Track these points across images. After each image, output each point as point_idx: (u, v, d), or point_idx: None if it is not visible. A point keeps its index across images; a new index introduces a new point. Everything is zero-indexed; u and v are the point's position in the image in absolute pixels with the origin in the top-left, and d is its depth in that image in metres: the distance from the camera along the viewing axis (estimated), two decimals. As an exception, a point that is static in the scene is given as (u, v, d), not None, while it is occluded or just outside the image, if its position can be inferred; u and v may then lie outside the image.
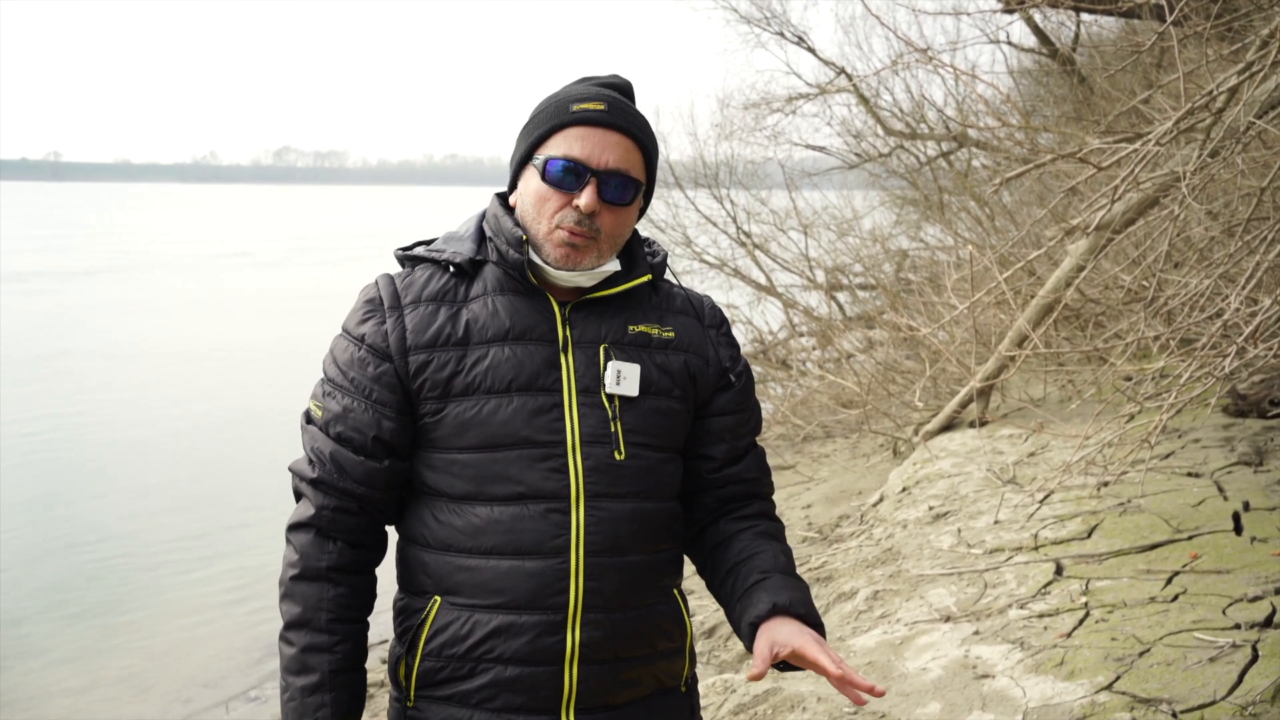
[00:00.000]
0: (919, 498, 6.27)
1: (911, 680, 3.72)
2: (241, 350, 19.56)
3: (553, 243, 1.74)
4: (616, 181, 1.74)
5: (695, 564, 1.96)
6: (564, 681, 1.71)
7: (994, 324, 7.67)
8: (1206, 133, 4.25)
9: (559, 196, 1.73)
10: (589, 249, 1.75)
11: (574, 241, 1.73)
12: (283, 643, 1.76)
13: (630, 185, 1.76)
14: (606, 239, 1.76)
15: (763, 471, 1.96)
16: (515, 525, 1.70)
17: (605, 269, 1.78)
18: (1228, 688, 3.15)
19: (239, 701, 6.44)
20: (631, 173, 1.76)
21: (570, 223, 1.73)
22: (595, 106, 1.75)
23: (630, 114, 1.78)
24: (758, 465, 1.95)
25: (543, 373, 1.74)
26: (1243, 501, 4.68)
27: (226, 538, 9.50)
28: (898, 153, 14.12)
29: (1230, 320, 3.84)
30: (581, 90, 1.78)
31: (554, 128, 1.75)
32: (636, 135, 1.77)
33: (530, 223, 1.77)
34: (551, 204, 1.74)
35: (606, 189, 1.73)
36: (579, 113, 1.74)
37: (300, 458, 1.80)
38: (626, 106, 1.78)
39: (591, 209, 1.72)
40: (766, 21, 14.65)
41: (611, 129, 1.75)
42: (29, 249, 42.87)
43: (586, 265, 1.76)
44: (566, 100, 1.76)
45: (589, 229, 1.73)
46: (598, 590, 1.71)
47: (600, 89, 1.78)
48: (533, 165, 1.77)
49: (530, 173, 1.78)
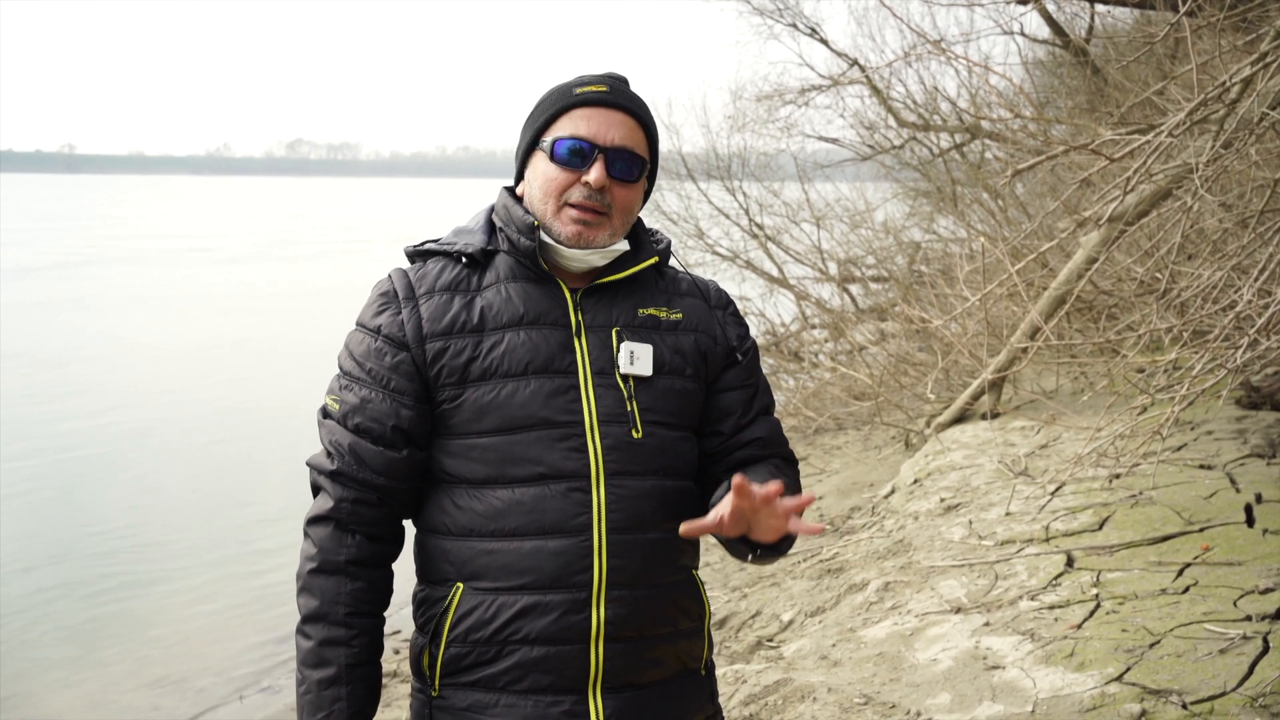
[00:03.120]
0: (930, 489, 6.28)
1: (922, 671, 3.73)
2: (252, 345, 19.62)
3: (563, 221, 1.78)
4: (623, 158, 1.79)
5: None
6: (590, 660, 1.73)
7: (1006, 316, 7.65)
8: (1220, 124, 4.23)
9: (568, 175, 1.77)
10: (601, 225, 1.78)
11: (586, 219, 1.77)
12: (300, 636, 1.77)
13: (636, 162, 1.81)
14: (618, 215, 1.80)
15: (774, 435, 1.94)
16: (537, 505, 1.72)
17: (617, 247, 1.83)
18: (1238, 679, 3.15)
19: (252, 691, 6.48)
20: (637, 150, 1.81)
21: (580, 198, 1.77)
22: (597, 88, 1.81)
23: (631, 95, 1.84)
24: (766, 429, 1.94)
25: (558, 355, 1.76)
26: (1255, 494, 4.66)
27: (239, 528, 9.55)
28: (910, 144, 14.09)
29: (1243, 312, 3.83)
30: (582, 77, 1.84)
31: (559, 111, 1.80)
32: (639, 115, 1.83)
33: (540, 206, 1.80)
34: (560, 182, 1.78)
35: (614, 166, 1.78)
36: (583, 94, 1.80)
37: (318, 452, 1.81)
38: (626, 87, 1.85)
39: (601, 184, 1.76)
40: (779, 13, 14.63)
41: (615, 108, 1.80)
42: (30, 241, 43.01)
43: (600, 243, 1.79)
44: (569, 86, 1.82)
45: (600, 203, 1.77)
46: (621, 567, 1.73)
47: (600, 74, 1.85)
48: (540, 149, 1.81)
49: (538, 157, 1.82)
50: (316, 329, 19.84)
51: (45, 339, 19.32)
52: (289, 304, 25.88)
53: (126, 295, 26.61)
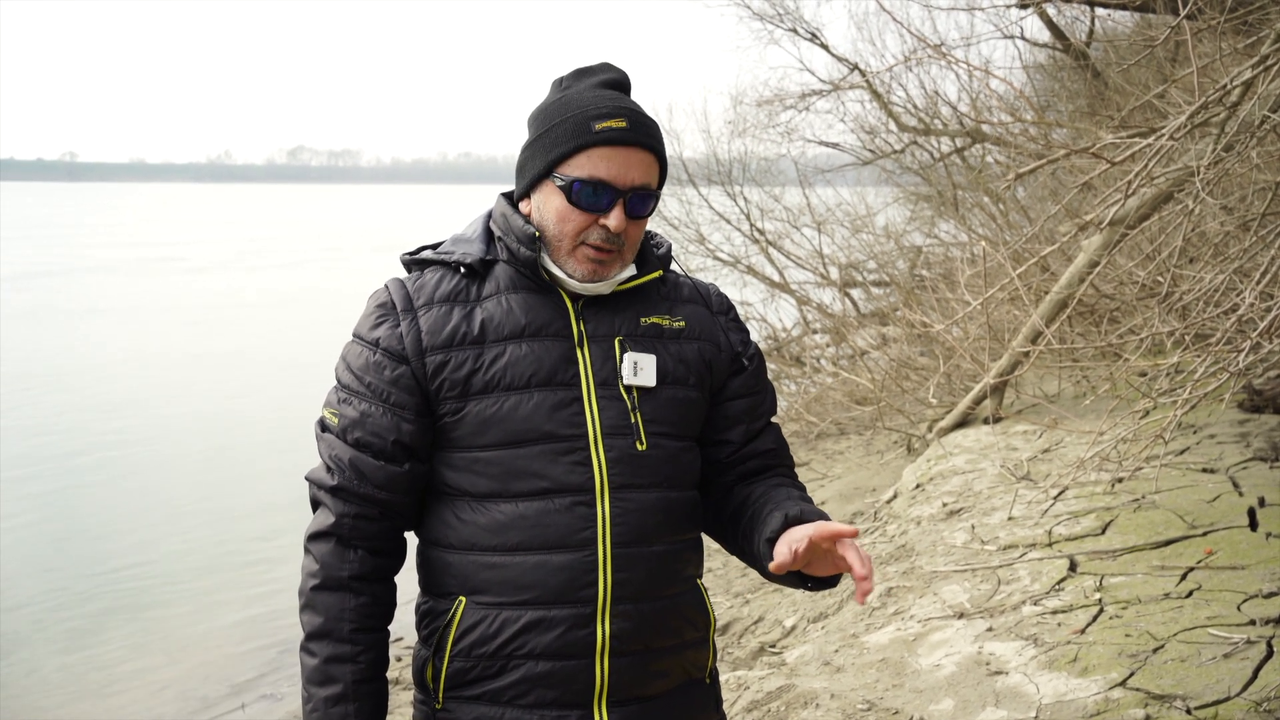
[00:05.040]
0: (933, 494, 6.27)
1: (925, 677, 3.72)
2: (255, 355, 19.62)
3: (579, 260, 1.75)
4: (640, 197, 1.75)
5: (717, 539, 1.95)
6: (596, 675, 1.71)
7: (1008, 320, 7.65)
8: (1221, 127, 4.23)
9: (586, 217, 1.73)
10: (614, 262, 1.76)
11: (600, 259, 1.74)
12: (304, 654, 1.75)
13: (652, 196, 1.77)
14: (630, 249, 1.78)
15: (781, 445, 1.95)
16: (541, 520, 1.70)
17: (624, 275, 1.80)
18: (1242, 684, 3.14)
19: (254, 699, 6.48)
20: (652, 184, 1.77)
21: (598, 239, 1.73)
22: (618, 124, 1.72)
23: (648, 126, 1.76)
24: (774, 439, 1.94)
25: (561, 367, 1.74)
26: (1258, 497, 4.65)
27: (242, 536, 9.55)
28: (911, 149, 14.08)
29: (1245, 315, 3.83)
30: (595, 102, 1.75)
31: (577, 147, 1.72)
32: (655, 148, 1.77)
33: (553, 239, 1.76)
34: (577, 224, 1.73)
35: (632, 206, 1.74)
36: (603, 133, 1.72)
37: (318, 466, 1.79)
38: (643, 118, 1.77)
39: (621, 229, 1.72)
40: (780, 18, 14.63)
41: (635, 146, 1.74)
42: (28, 250, 42.97)
43: (611, 276, 1.77)
44: (585, 118, 1.73)
45: (616, 244, 1.74)
46: (626, 581, 1.72)
47: (616, 104, 1.75)
48: (554, 183, 1.74)
49: (550, 189, 1.75)
50: (313, 336, 19.87)
51: (39, 346, 19.33)
52: (266, 314, 25.69)
53: (100, 304, 26.59)
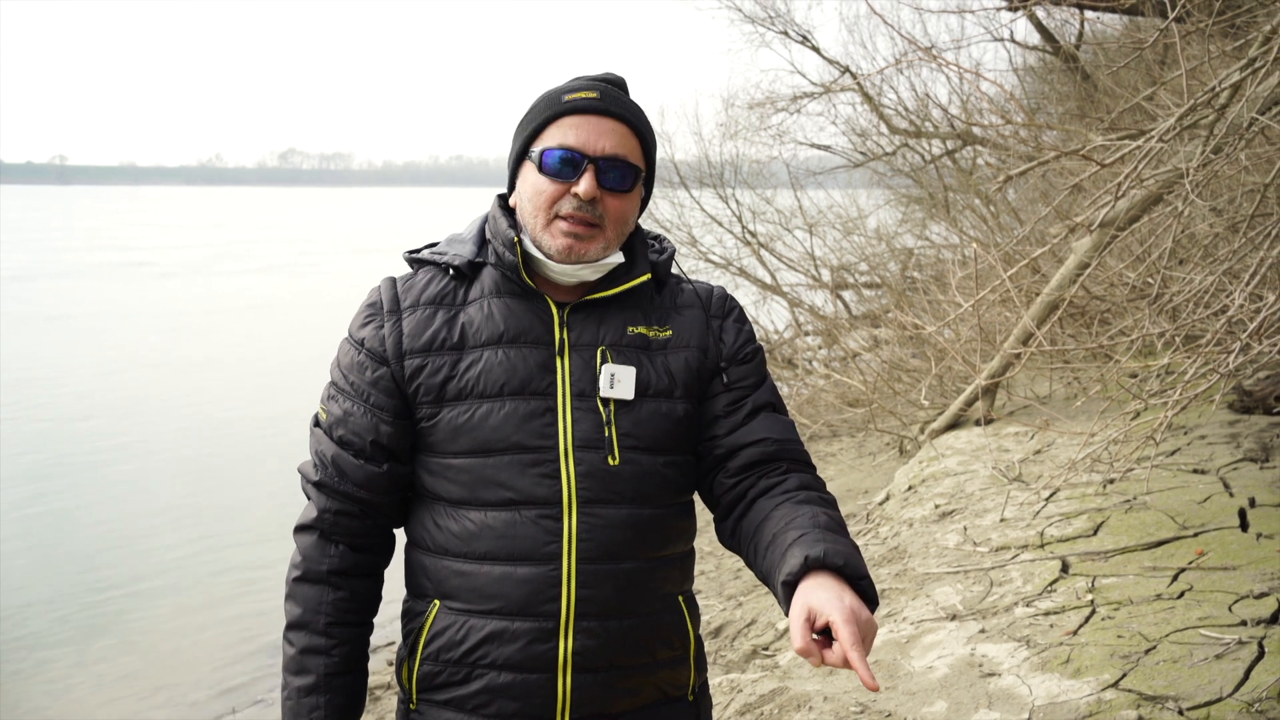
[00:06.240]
0: (925, 496, 6.27)
1: (918, 679, 3.72)
2: (245, 357, 19.58)
3: (554, 234, 1.71)
4: (615, 168, 1.71)
5: (737, 554, 1.84)
6: (558, 690, 1.69)
7: (999, 322, 7.67)
8: (1210, 129, 4.24)
9: (557, 186, 1.70)
10: (594, 238, 1.72)
11: (576, 231, 1.70)
12: (284, 642, 1.78)
13: (630, 171, 1.73)
14: (611, 227, 1.73)
15: (782, 429, 1.81)
16: (507, 531, 1.68)
17: (609, 261, 1.76)
18: (1234, 685, 3.15)
19: (245, 704, 6.46)
20: (630, 159, 1.73)
21: (571, 209, 1.70)
22: (588, 95, 1.72)
23: (624, 101, 1.75)
24: (770, 428, 1.80)
25: (536, 376, 1.71)
26: (1249, 498, 4.67)
27: (233, 540, 9.51)
28: (902, 151, 14.11)
29: (1235, 316, 3.84)
30: (574, 82, 1.76)
31: (547, 119, 1.72)
32: (632, 121, 1.75)
33: (530, 218, 1.74)
34: (550, 194, 1.70)
35: (605, 176, 1.70)
36: (572, 101, 1.72)
37: (307, 460, 1.81)
38: (620, 94, 1.76)
39: (591, 195, 1.68)
40: (771, 21, 14.66)
41: (606, 115, 1.72)
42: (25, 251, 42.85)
43: (592, 256, 1.72)
44: (559, 92, 1.74)
45: (591, 214, 1.70)
46: (590, 598, 1.68)
47: (593, 81, 1.77)
48: (529, 159, 1.74)
49: (527, 167, 1.75)
50: (294, 340, 19.84)
51: (34, 352, 19.27)
52: (236, 320, 25.60)
53: (63, 310, 26.37)
